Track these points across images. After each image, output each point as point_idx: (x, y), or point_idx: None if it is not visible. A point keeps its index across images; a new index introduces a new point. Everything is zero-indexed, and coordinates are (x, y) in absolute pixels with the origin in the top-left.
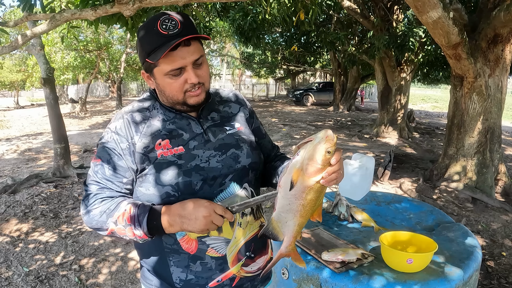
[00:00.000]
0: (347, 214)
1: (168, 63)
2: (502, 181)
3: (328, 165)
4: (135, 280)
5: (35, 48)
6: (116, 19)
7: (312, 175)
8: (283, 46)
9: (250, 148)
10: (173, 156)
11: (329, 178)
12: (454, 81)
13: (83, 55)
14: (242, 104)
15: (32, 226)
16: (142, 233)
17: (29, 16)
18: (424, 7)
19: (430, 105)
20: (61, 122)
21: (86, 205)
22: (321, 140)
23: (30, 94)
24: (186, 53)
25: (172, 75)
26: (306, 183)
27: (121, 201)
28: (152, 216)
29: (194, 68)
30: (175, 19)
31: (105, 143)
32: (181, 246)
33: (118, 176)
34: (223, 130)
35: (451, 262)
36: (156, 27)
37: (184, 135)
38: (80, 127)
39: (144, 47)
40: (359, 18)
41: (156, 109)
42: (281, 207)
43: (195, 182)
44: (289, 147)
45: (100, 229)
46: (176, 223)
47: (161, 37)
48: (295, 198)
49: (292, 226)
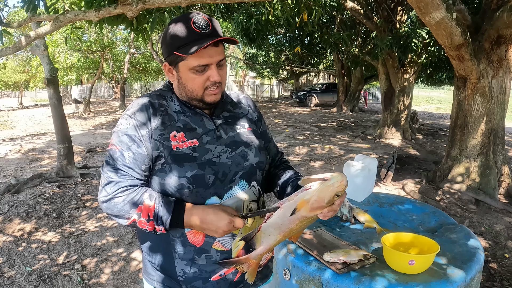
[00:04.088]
0: (350, 215)
1: (196, 58)
2: (505, 183)
3: (331, 205)
4: (137, 280)
5: (39, 48)
6: (121, 20)
7: (315, 210)
8: (286, 47)
9: (258, 148)
10: (188, 149)
11: (327, 214)
12: (457, 82)
13: (87, 56)
14: (252, 108)
15: (35, 226)
16: (162, 229)
17: (33, 17)
18: (427, 8)
19: (433, 107)
20: (65, 122)
21: (108, 192)
22: (336, 183)
23: (34, 94)
24: (214, 52)
25: (197, 70)
26: (305, 214)
27: (143, 192)
28: (174, 216)
29: (217, 68)
30: (207, 20)
31: (124, 130)
32: (187, 238)
33: (138, 163)
34: (234, 129)
35: (453, 263)
36: (190, 23)
37: (198, 130)
38: (84, 127)
39: (174, 41)
40: (362, 19)
41: (173, 101)
42: (273, 224)
43: (207, 176)
44: (292, 148)
45: (121, 217)
46: (197, 226)
47: (194, 33)
48: (289, 222)
49: (272, 241)
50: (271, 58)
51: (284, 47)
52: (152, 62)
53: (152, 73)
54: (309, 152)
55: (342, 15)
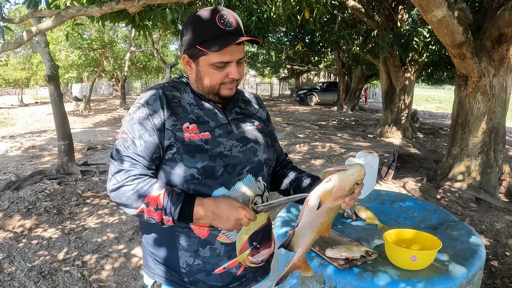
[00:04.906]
0: (351, 212)
1: (218, 55)
2: (506, 181)
3: (351, 193)
4: (138, 277)
5: (40, 45)
6: (123, 17)
7: (338, 199)
8: (287, 45)
9: (266, 145)
10: (200, 141)
11: (349, 202)
12: (458, 81)
13: (88, 54)
14: (261, 107)
15: (35, 222)
16: (170, 220)
17: (35, 13)
18: (429, 6)
19: (434, 106)
20: (65, 119)
21: (118, 181)
22: (355, 172)
23: (34, 92)
24: (236, 51)
25: (217, 66)
26: (330, 205)
27: (154, 183)
28: (184, 206)
29: (236, 65)
30: (232, 17)
31: (137, 118)
32: (192, 229)
33: (149, 151)
34: (244, 125)
35: (455, 260)
36: (215, 19)
37: (210, 123)
38: (84, 125)
39: (198, 34)
40: (363, 17)
41: (187, 92)
42: (304, 224)
43: (217, 168)
44: (292, 146)
45: (128, 206)
46: (208, 217)
47: (219, 30)
48: (317, 217)
49: (307, 240)
50: (271, 56)
51: (285, 45)
52: (153, 60)
53: (152, 71)
54: (310, 150)
55: (343, 14)
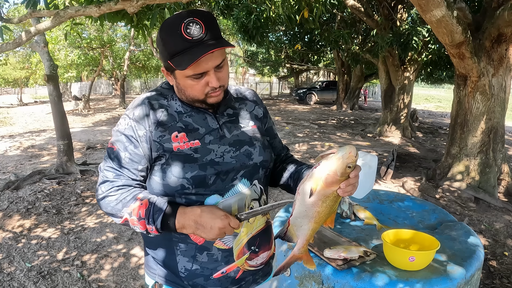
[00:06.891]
0: (350, 212)
1: (190, 68)
2: (505, 181)
3: (346, 178)
4: (137, 276)
5: (39, 45)
6: (121, 17)
7: (330, 185)
8: (286, 44)
9: (262, 146)
10: (189, 150)
11: (346, 189)
12: (457, 80)
13: (87, 53)
14: (258, 103)
15: (34, 222)
16: (154, 229)
17: (33, 13)
18: (428, 5)
19: (433, 105)
20: (65, 119)
21: (103, 191)
22: (345, 155)
23: (34, 91)
24: (209, 59)
25: (194, 78)
26: (324, 192)
27: (137, 193)
28: (166, 215)
29: (215, 72)
30: (200, 23)
31: (122, 130)
32: (189, 236)
33: (134, 163)
34: (238, 127)
35: (453, 260)
36: (180, 29)
37: (200, 129)
38: (83, 124)
39: (167, 48)
40: (362, 16)
41: (174, 100)
42: (298, 213)
43: (209, 176)
44: (292, 145)
45: (115, 216)
46: (190, 227)
47: (185, 41)
48: (312, 205)
49: (306, 230)
50: (271, 55)
51: (284, 44)
52: (152, 59)
53: (152, 70)
54: (309, 150)
55: (343, 13)
